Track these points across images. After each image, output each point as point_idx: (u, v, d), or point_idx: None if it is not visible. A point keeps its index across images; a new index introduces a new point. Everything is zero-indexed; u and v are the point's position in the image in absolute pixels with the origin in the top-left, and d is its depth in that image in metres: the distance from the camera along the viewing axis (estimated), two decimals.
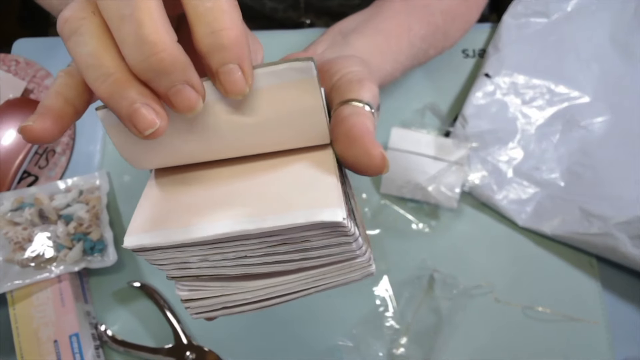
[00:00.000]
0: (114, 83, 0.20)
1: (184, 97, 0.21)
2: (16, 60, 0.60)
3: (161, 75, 0.20)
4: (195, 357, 0.49)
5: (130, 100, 0.20)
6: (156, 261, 0.24)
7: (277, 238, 0.23)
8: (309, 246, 0.23)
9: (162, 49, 0.20)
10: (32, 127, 0.22)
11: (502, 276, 0.52)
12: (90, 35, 0.20)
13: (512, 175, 0.55)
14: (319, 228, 0.22)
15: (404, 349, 0.49)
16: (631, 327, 0.50)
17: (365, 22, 0.44)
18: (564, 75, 0.58)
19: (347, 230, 0.23)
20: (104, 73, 0.20)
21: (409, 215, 0.54)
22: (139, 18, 0.19)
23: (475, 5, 0.54)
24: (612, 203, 0.51)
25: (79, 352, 0.47)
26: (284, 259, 0.24)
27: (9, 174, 0.54)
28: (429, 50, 0.49)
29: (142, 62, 0.20)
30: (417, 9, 0.48)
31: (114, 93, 0.20)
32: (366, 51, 0.40)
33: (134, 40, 0.19)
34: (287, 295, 0.25)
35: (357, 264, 0.25)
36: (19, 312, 0.48)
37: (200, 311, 0.26)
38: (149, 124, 0.21)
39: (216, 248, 0.23)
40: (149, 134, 0.21)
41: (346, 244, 0.23)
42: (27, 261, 0.48)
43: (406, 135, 0.54)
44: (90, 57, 0.20)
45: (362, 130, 0.26)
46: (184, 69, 0.20)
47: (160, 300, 0.51)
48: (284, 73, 0.23)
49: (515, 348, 0.50)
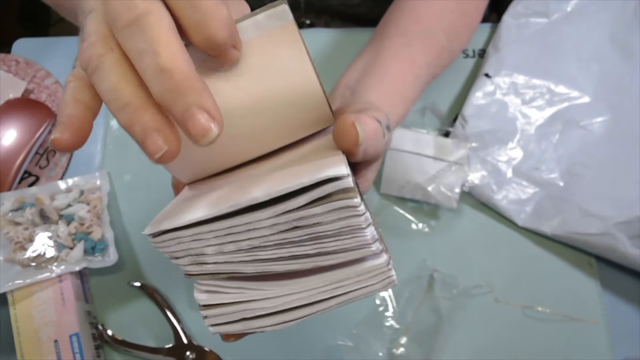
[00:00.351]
0: (131, 111, 0.22)
1: (197, 121, 0.21)
2: (16, 60, 0.60)
3: (177, 97, 0.21)
4: (195, 356, 0.49)
5: (142, 126, 0.22)
6: (173, 253, 0.24)
7: (288, 217, 0.23)
8: (322, 231, 0.23)
9: (177, 72, 0.21)
10: (61, 138, 0.23)
11: (502, 276, 0.52)
12: (109, 71, 0.22)
13: (511, 175, 0.55)
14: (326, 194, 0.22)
15: (403, 348, 0.49)
16: (630, 326, 0.50)
17: (368, 70, 0.44)
18: (564, 76, 0.58)
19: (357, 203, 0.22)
20: (122, 104, 0.22)
21: (408, 215, 0.55)
22: (155, 50, 0.21)
23: (477, 12, 0.54)
24: (612, 203, 0.51)
25: (79, 352, 0.47)
26: (299, 252, 0.24)
27: (10, 174, 0.54)
28: (435, 71, 0.49)
29: (161, 88, 0.21)
30: (417, 38, 0.47)
31: (130, 120, 0.22)
32: (376, 102, 0.40)
33: (153, 70, 0.21)
34: (307, 306, 0.25)
35: (375, 267, 0.24)
36: (20, 312, 0.48)
37: (219, 322, 0.25)
38: (157, 148, 0.22)
39: (229, 234, 0.23)
40: (157, 158, 0.22)
41: (358, 229, 0.23)
42: (28, 261, 0.49)
43: (406, 136, 0.54)
44: (111, 91, 0.22)
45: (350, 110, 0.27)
46: (199, 91, 0.21)
47: (160, 300, 0.51)
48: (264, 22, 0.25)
49: (515, 348, 0.50)
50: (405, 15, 0.49)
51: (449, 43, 0.49)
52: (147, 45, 0.21)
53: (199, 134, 0.21)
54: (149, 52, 0.21)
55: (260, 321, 0.25)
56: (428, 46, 0.47)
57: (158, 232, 0.24)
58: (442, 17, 0.49)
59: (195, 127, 0.21)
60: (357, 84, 0.43)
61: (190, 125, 0.21)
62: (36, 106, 0.57)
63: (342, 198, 0.22)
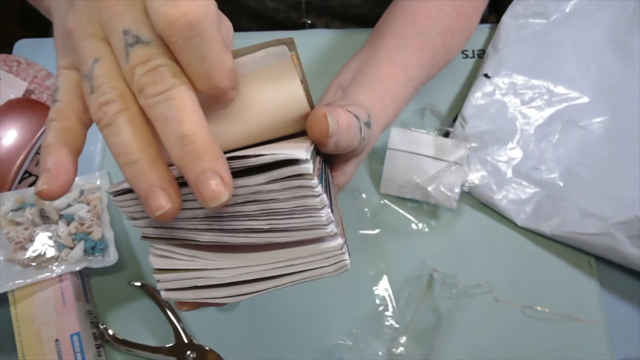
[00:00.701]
0: (138, 168, 0.23)
1: (209, 185, 0.22)
2: (17, 61, 0.61)
3: (194, 161, 0.22)
4: (195, 356, 0.49)
5: (148, 184, 0.23)
6: (132, 213, 0.25)
7: (245, 190, 0.23)
8: (277, 208, 0.24)
9: (198, 138, 0.23)
10: (48, 190, 0.24)
11: (501, 276, 0.52)
12: (124, 128, 0.23)
13: (511, 175, 0.55)
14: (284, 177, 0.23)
15: (403, 348, 0.49)
16: (630, 326, 0.50)
17: (361, 70, 0.45)
18: (563, 76, 0.58)
19: (311, 179, 0.23)
20: (131, 160, 0.23)
21: (408, 215, 0.55)
22: (179, 118, 0.23)
23: (475, 14, 0.54)
24: (611, 203, 0.51)
25: (80, 352, 0.47)
26: (253, 226, 0.24)
27: (10, 174, 0.54)
28: (431, 71, 0.49)
29: (181, 151, 0.23)
30: (411, 39, 0.47)
31: (137, 176, 0.23)
32: (365, 101, 0.41)
33: (175, 135, 0.23)
34: (259, 281, 0.25)
35: (329, 249, 0.25)
36: (21, 312, 0.48)
37: (172, 287, 0.26)
38: (159, 207, 0.23)
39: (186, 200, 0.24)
40: (158, 215, 0.23)
41: (313, 209, 0.24)
42: (29, 261, 0.49)
43: (406, 136, 0.55)
44: (122, 145, 0.23)
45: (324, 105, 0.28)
46: (216, 157, 0.23)
47: (161, 300, 0.51)
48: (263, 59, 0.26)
49: (514, 347, 0.50)
50: (402, 16, 0.49)
51: (444, 45, 0.49)
52: (172, 114, 0.23)
53: (209, 196, 0.22)
54: (173, 119, 0.23)
55: (212, 291, 0.26)
56: (422, 47, 0.47)
57: (119, 190, 0.25)
58: (438, 19, 0.49)
59: (207, 190, 0.22)
60: (349, 84, 0.43)
61: (203, 187, 0.22)
62: (37, 106, 0.58)
63: (299, 178, 0.23)
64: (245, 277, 0.25)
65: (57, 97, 0.26)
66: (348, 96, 0.42)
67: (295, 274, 0.25)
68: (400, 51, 0.46)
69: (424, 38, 0.48)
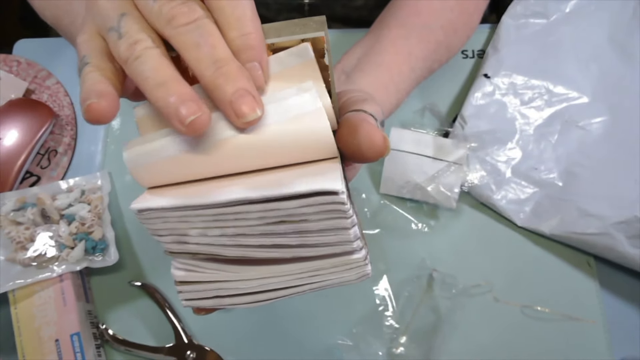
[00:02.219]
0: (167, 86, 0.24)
1: (247, 101, 0.24)
2: (18, 61, 0.61)
3: (229, 81, 0.24)
4: (195, 356, 0.49)
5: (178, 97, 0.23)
6: (157, 231, 0.25)
7: (278, 213, 0.23)
8: (307, 228, 0.24)
9: (231, 61, 0.24)
10: (98, 105, 0.24)
11: (501, 276, 0.52)
12: (152, 58, 0.24)
13: (510, 175, 0.55)
14: (318, 203, 0.23)
15: (403, 348, 0.49)
16: (629, 326, 0.50)
17: (366, 57, 0.45)
18: (563, 76, 0.58)
19: (344, 205, 0.23)
20: (159, 81, 0.24)
21: (408, 215, 0.55)
22: (212, 43, 0.24)
23: (477, 12, 0.54)
24: (610, 203, 0.51)
25: (80, 352, 0.47)
26: (281, 243, 0.24)
27: (11, 174, 0.54)
28: (432, 66, 0.50)
29: (216, 72, 0.24)
30: (416, 30, 0.47)
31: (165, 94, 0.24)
32: (369, 88, 0.41)
33: (209, 58, 0.24)
34: (281, 290, 0.25)
35: (353, 261, 0.25)
36: (21, 312, 0.48)
37: (193, 297, 0.26)
38: (191, 112, 0.23)
39: (216, 220, 0.24)
40: (191, 121, 0.23)
41: (343, 229, 0.24)
42: (29, 260, 0.49)
43: (405, 136, 0.55)
44: (150, 70, 0.24)
45: (363, 119, 0.28)
46: (248, 80, 0.25)
47: (161, 300, 0.51)
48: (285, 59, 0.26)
49: (514, 347, 0.50)
50: (405, 8, 0.49)
51: (446, 39, 0.50)
52: (204, 40, 0.24)
53: (247, 112, 0.24)
54: (206, 44, 0.24)
55: (232, 299, 0.26)
56: (425, 40, 0.48)
57: (145, 208, 0.24)
58: (441, 13, 0.49)
59: (244, 106, 0.24)
60: (353, 70, 0.44)
61: (239, 104, 0.24)
62: (37, 106, 0.58)
63: (333, 204, 0.23)
64: (268, 287, 0.25)
65: (87, 60, 0.26)
66: (352, 80, 0.42)
67: (317, 282, 0.25)
68: (405, 41, 0.46)
69: (427, 31, 0.48)
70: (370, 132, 0.27)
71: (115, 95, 0.24)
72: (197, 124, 0.23)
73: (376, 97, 0.40)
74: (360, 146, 0.27)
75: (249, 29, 0.25)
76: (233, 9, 0.25)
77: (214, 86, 0.24)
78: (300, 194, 0.22)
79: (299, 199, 0.23)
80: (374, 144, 0.27)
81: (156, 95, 0.24)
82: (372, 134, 0.27)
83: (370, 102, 0.32)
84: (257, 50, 0.25)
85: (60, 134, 0.59)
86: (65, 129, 0.59)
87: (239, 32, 0.25)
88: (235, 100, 0.24)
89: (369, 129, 0.27)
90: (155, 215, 0.24)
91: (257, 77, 0.26)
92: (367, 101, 0.31)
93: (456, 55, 0.62)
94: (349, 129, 0.28)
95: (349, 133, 0.28)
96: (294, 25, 0.27)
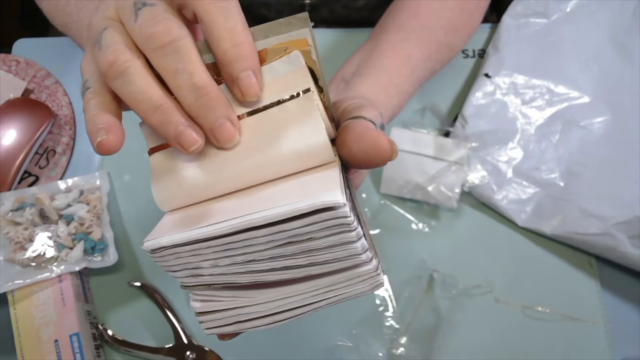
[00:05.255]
0: (163, 112, 0.25)
1: (225, 129, 0.26)
2: (16, 61, 0.61)
3: (208, 111, 0.25)
4: (195, 356, 0.49)
5: (176, 124, 0.25)
6: (171, 267, 0.26)
7: (283, 235, 0.24)
8: (314, 246, 0.24)
9: (210, 90, 0.25)
10: (108, 140, 0.25)
11: (502, 276, 0.52)
12: (137, 76, 0.25)
13: (511, 175, 0.55)
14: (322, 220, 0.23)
15: (403, 348, 0.49)
16: (630, 326, 0.50)
17: (365, 62, 0.45)
18: (564, 76, 0.58)
19: (347, 218, 0.23)
20: (153, 105, 0.25)
21: (408, 215, 0.55)
22: (190, 70, 0.25)
23: (478, 12, 0.54)
24: (612, 203, 0.51)
25: (79, 352, 0.47)
26: (291, 264, 0.25)
27: (10, 174, 0.54)
28: (435, 66, 0.49)
29: (195, 102, 0.25)
30: (415, 32, 0.47)
31: (163, 120, 0.25)
32: (370, 92, 0.41)
33: (188, 86, 0.25)
34: (298, 308, 0.26)
35: (364, 272, 0.25)
36: (20, 312, 0.48)
37: (214, 325, 0.27)
38: (193, 142, 0.25)
39: (226, 249, 0.24)
40: (193, 150, 0.25)
41: (350, 242, 0.24)
42: (28, 261, 0.49)
43: (406, 135, 0.54)
44: (140, 93, 0.25)
45: (367, 126, 0.29)
46: (226, 106, 0.26)
47: (160, 300, 0.51)
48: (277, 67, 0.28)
49: (515, 348, 0.50)
50: (405, 11, 0.49)
51: (447, 39, 0.49)
52: (182, 66, 0.25)
53: (226, 139, 0.26)
54: (184, 71, 0.25)
55: (253, 322, 0.26)
56: (425, 41, 0.47)
57: (158, 248, 0.25)
58: (441, 13, 0.49)
59: (224, 134, 0.26)
60: (352, 75, 0.44)
61: (220, 132, 0.26)
62: (36, 106, 0.57)
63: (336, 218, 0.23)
64: (285, 307, 0.26)
65: (88, 85, 0.27)
66: (351, 87, 0.42)
67: (333, 297, 0.26)
68: (404, 44, 0.46)
69: (427, 32, 0.48)
70: (376, 137, 0.28)
71: (119, 125, 0.26)
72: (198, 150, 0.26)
73: (377, 100, 0.40)
74: (367, 152, 0.28)
75: (241, 39, 0.26)
76: (224, 21, 0.26)
77: (195, 115, 0.26)
78: (303, 213, 0.23)
79: (303, 218, 0.23)
80: (381, 149, 0.28)
81: (153, 120, 0.25)
82: (377, 139, 0.28)
83: (368, 107, 0.32)
84: (250, 59, 0.26)
85: (58, 133, 0.58)
86: (64, 129, 0.59)
87: (232, 42, 0.26)
88: (217, 130, 0.26)
89: (373, 134, 0.28)
90: (167, 252, 0.25)
91: (252, 84, 0.26)
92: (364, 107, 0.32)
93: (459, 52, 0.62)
94: (352, 136, 0.28)
95: (352, 140, 0.28)
96: (278, 25, 0.28)
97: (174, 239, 0.24)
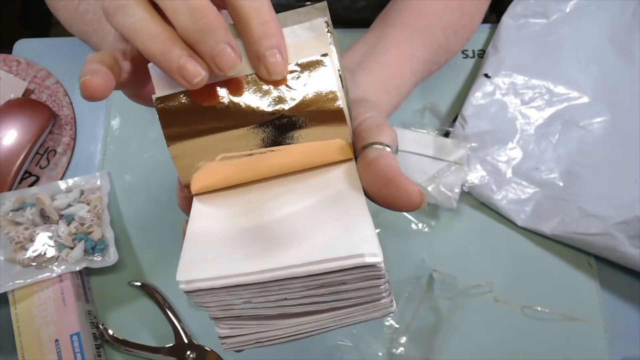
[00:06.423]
0: (163, 41, 0.24)
1: (226, 55, 0.25)
2: (17, 61, 0.61)
3: (207, 35, 0.24)
4: (195, 356, 0.49)
5: (178, 55, 0.24)
6: (204, 303, 0.26)
7: (319, 282, 0.24)
8: (344, 289, 0.25)
9: (208, 12, 0.24)
10: (91, 81, 0.24)
11: (501, 276, 0.52)
12: (136, 7, 0.25)
13: (511, 175, 0.55)
14: (360, 273, 0.24)
15: (403, 348, 0.49)
16: (629, 326, 0.50)
17: (369, 56, 0.45)
18: (563, 76, 0.58)
19: (382, 274, 0.24)
20: (153, 35, 0.24)
21: (408, 215, 0.55)
22: None
23: (478, 13, 0.54)
24: (611, 203, 0.51)
25: (79, 352, 0.47)
26: (319, 300, 0.25)
27: (10, 174, 0.54)
28: (432, 68, 0.50)
29: (193, 25, 0.24)
30: (418, 31, 0.48)
31: (164, 50, 0.24)
32: (372, 90, 0.42)
33: (185, 9, 0.24)
34: (315, 331, 0.27)
35: (381, 304, 0.26)
36: (21, 312, 0.48)
37: (235, 347, 0.28)
38: (196, 74, 0.24)
39: (262, 291, 0.25)
40: (196, 82, 0.25)
41: (376, 286, 0.25)
42: (29, 261, 0.49)
43: (406, 136, 0.55)
44: (140, 21, 0.25)
45: (396, 171, 0.28)
46: (225, 30, 0.25)
47: (160, 300, 0.51)
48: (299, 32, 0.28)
49: (514, 347, 0.50)
50: (409, 9, 0.49)
51: (446, 41, 0.49)
52: None
53: (228, 66, 0.25)
54: None
55: (271, 342, 0.27)
56: (427, 42, 0.48)
57: (195, 290, 0.25)
58: (442, 15, 0.49)
59: (225, 59, 0.25)
60: (356, 68, 0.44)
61: (221, 59, 0.25)
62: (37, 106, 0.58)
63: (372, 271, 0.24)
64: (304, 331, 0.27)
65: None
66: (355, 80, 0.42)
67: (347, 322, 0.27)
68: (408, 43, 0.46)
69: (429, 32, 0.48)
70: (407, 187, 0.28)
71: (108, 73, 0.25)
72: (201, 83, 0.25)
73: (379, 99, 0.40)
74: (397, 200, 0.28)
75: (268, 17, 0.26)
76: (252, 1, 0.26)
77: (194, 40, 0.25)
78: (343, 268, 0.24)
79: (342, 271, 0.24)
80: (412, 200, 0.27)
81: (152, 50, 0.25)
82: (409, 189, 0.28)
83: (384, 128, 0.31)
84: (276, 37, 0.26)
85: (59, 133, 0.59)
86: (65, 129, 0.59)
87: (259, 21, 0.26)
88: (217, 56, 0.25)
89: (405, 183, 0.28)
90: (204, 292, 0.25)
91: (277, 63, 0.26)
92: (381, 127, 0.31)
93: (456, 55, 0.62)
94: (382, 179, 0.28)
95: (382, 184, 0.28)
96: (297, 14, 0.28)
97: (214, 284, 0.24)
